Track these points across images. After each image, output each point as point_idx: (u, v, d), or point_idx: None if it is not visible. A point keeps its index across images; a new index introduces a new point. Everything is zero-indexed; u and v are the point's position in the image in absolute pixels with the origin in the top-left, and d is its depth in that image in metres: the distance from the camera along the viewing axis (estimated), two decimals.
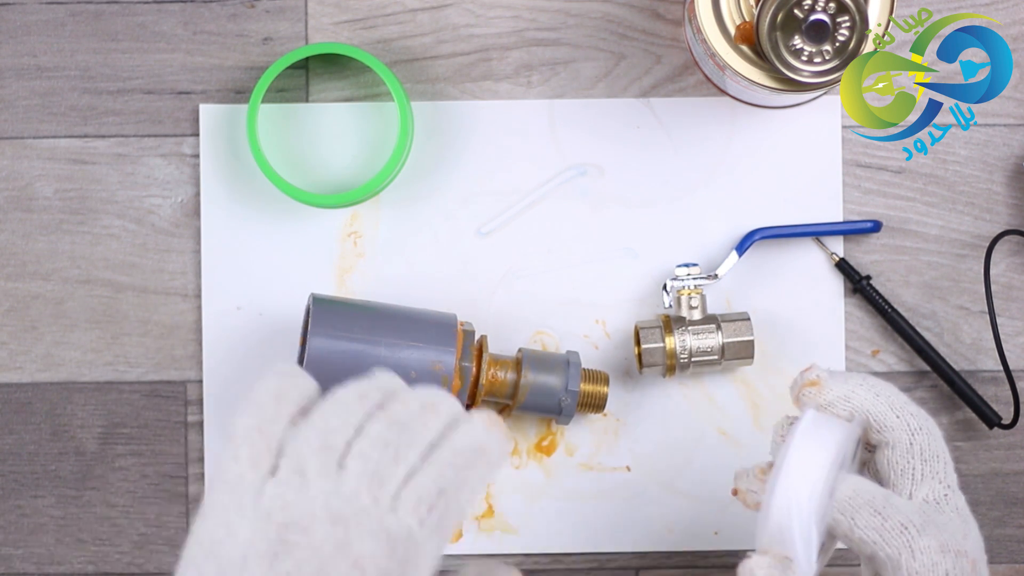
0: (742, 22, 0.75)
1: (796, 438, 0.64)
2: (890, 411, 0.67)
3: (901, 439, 0.67)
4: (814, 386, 0.67)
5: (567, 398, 0.81)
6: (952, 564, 0.63)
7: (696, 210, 0.86)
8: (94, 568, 0.86)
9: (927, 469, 0.66)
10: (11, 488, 0.86)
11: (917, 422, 0.67)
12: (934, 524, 0.64)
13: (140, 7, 0.86)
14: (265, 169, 0.83)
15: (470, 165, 0.86)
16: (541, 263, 0.86)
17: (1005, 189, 0.86)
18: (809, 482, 0.63)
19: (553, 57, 0.86)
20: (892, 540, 0.63)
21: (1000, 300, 0.85)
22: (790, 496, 0.63)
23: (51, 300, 0.86)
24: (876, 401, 0.67)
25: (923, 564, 0.62)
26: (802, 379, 0.68)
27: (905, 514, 0.64)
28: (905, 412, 0.67)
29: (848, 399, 0.67)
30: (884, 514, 0.63)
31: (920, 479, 0.66)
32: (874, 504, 0.64)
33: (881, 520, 0.63)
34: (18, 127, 0.86)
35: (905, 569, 0.62)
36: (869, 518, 0.63)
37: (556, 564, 0.86)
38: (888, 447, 0.67)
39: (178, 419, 0.86)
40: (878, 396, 0.67)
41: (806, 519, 0.63)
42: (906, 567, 0.62)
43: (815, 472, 0.63)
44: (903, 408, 0.67)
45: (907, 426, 0.67)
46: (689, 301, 0.83)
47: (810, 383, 0.68)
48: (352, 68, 0.86)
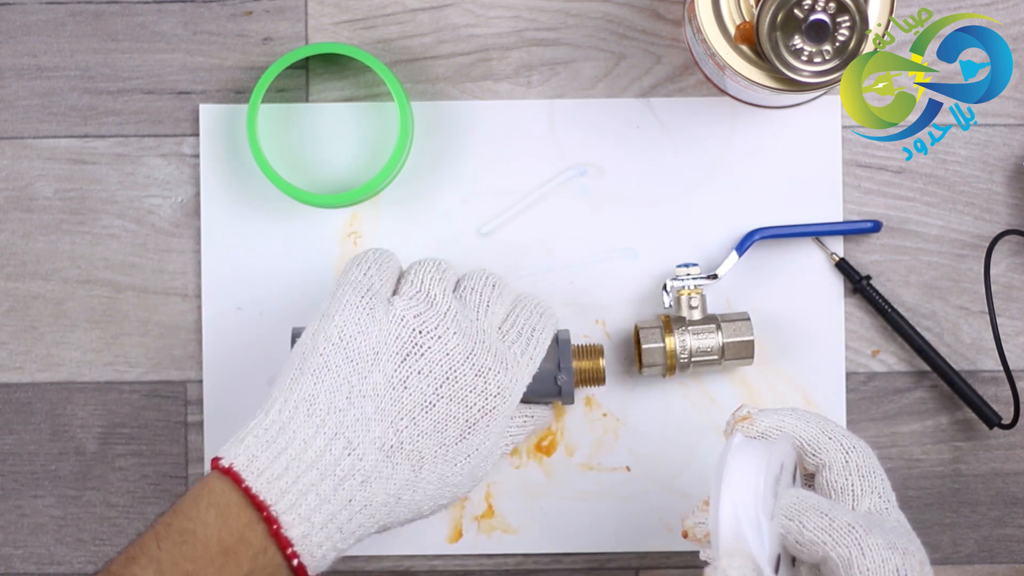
0: (742, 22, 0.75)
1: (730, 454, 0.66)
2: (822, 434, 0.69)
3: (836, 458, 0.68)
4: (746, 420, 0.70)
5: (563, 376, 0.80)
6: (901, 560, 0.64)
7: (696, 210, 0.86)
8: (94, 568, 0.86)
9: (865, 485, 0.68)
10: (11, 488, 0.86)
11: (850, 442, 0.69)
12: (879, 527, 0.65)
13: (140, 7, 0.86)
14: (265, 169, 0.83)
15: (470, 165, 0.86)
16: (541, 263, 0.86)
17: (1005, 189, 0.86)
18: (750, 484, 0.64)
19: (553, 57, 0.86)
20: (841, 539, 0.64)
21: (1000, 300, 0.85)
22: (735, 500, 0.64)
23: (51, 300, 0.86)
24: (807, 427, 0.69)
25: (873, 561, 0.63)
26: (734, 418, 0.70)
27: (851, 515, 0.65)
28: (837, 433, 0.69)
29: (780, 428, 0.69)
30: (831, 516, 0.64)
31: (860, 494, 0.68)
32: (820, 508, 0.65)
33: (829, 521, 0.64)
34: (18, 127, 0.86)
35: (856, 567, 0.63)
36: (817, 519, 0.64)
37: (556, 564, 0.86)
38: (825, 468, 0.68)
39: (178, 419, 0.86)
40: (808, 423, 0.69)
41: (754, 517, 0.64)
42: (856, 565, 0.63)
43: (754, 476, 0.65)
44: (834, 430, 0.69)
45: (840, 445, 0.68)
46: (689, 301, 0.83)
47: (742, 419, 0.70)
48: (352, 68, 0.86)
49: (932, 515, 0.86)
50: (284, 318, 0.85)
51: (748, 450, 0.66)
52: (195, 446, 0.86)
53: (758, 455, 0.66)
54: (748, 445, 0.67)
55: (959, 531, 0.86)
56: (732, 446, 0.66)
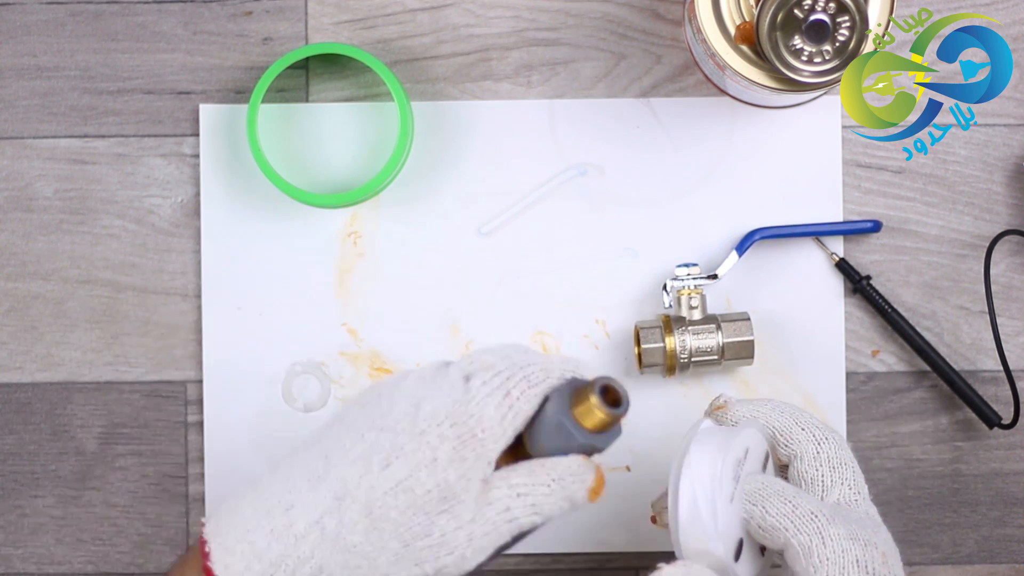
0: (742, 22, 0.75)
1: (693, 440, 0.66)
2: (795, 424, 0.69)
3: (808, 449, 0.69)
4: (721, 409, 0.70)
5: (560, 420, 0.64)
6: (862, 552, 0.64)
7: (696, 210, 0.86)
8: (94, 568, 0.86)
9: (835, 476, 0.68)
10: (11, 488, 0.86)
11: (823, 433, 0.69)
12: (843, 517, 0.65)
13: (140, 7, 0.86)
14: (265, 169, 0.83)
15: (470, 165, 0.86)
16: (541, 263, 0.86)
17: (1005, 189, 0.86)
18: (708, 468, 0.65)
19: (553, 57, 0.86)
20: (803, 527, 0.64)
21: (1000, 300, 0.85)
22: (693, 483, 0.65)
23: (51, 300, 0.86)
24: (780, 417, 0.70)
25: (833, 550, 0.64)
26: (710, 407, 0.71)
27: (815, 503, 0.65)
28: (810, 425, 0.69)
29: (755, 417, 0.70)
30: (794, 503, 0.65)
31: (830, 485, 0.68)
32: (783, 494, 0.65)
33: (792, 507, 0.65)
34: (18, 127, 0.86)
35: (816, 555, 0.64)
36: (780, 505, 0.65)
37: (556, 564, 0.86)
38: (797, 458, 0.69)
39: (178, 419, 0.86)
40: (783, 413, 0.70)
41: (710, 498, 0.64)
42: (817, 553, 0.64)
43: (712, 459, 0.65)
44: (808, 421, 0.70)
45: (812, 437, 0.69)
46: (689, 301, 0.83)
47: (718, 407, 0.71)
48: (352, 68, 0.86)
49: (932, 515, 0.86)
50: (284, 318, 0.85)
51: (711, 436, 0.67)
52: (195, 446, 0.86)
53: (720, 440, 0.66)
54: (712, 431, 0.67)
55: (959, 531, 0.86)
56: (697, 431, 0.67)
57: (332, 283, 0.86)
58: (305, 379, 0.86)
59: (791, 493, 0.65)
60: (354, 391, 0.86)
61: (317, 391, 0.86)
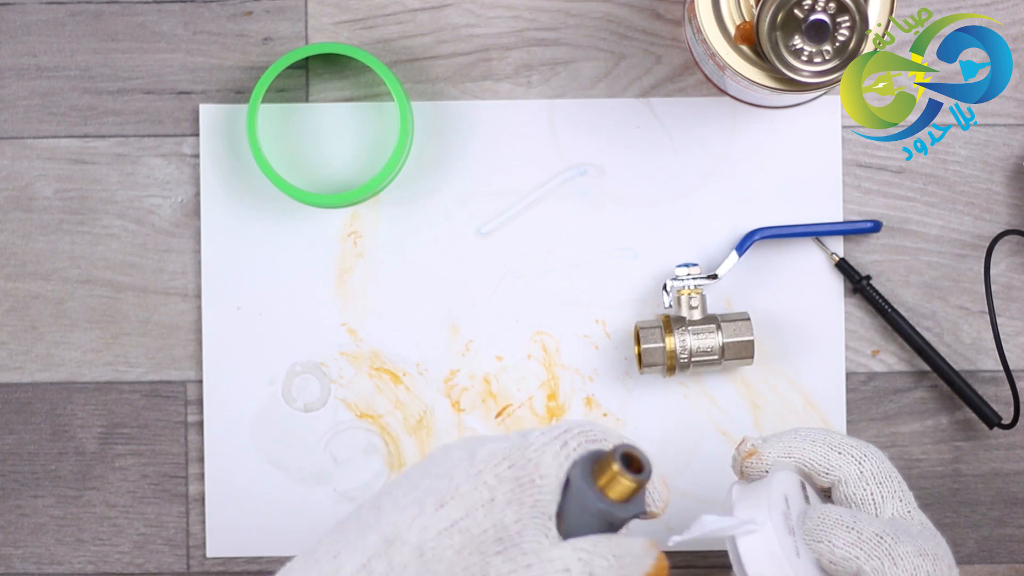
0: (742, 22, 0.75)
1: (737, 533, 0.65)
2: (831, 450, 0.68)
3: (850, 471, 0.67)
4: (752, 455, 0.68)
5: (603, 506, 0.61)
6: (932, 566, 0.63)
7: (696, 210, 0.86)
8: (94, 568, 0.86)
9: (884, 491, 0.67)
10: (11, 488, 0.86)
11: (861, 451, 0.68)
12: (906, 533, 0.64)
13: (140, 7, 0.86)
14: (265, 169, 0.83)
15: (470, 165, 0.86)
16: (541, 263, 0.86)
17: (1005, 189, 0.86)
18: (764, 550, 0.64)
19: (553, 57, 0.86)
20: (872, 551, 0.63)
21: (1000, 300, 0.85)
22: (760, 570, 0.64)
23: (51, 300, 0.86)
24: (814, 447, 0.68)
25: (905, 569, 0.63)
26: (739, 454, 0.69)
27: (878, 525, 0.64)
28: (846, 446, 0.68)
29: (789, 455, 0.68)
30: (857, 528, 0.64)
31: (881, 501, 0.67)
32: (844, 522, 0.64)
33: (856, 535, 0.64)
34: (18, 127, 0.86)
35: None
36: (844, 535, 0.64)
37: None
38: (841, 483, 0.68)
39: (178, 419, 0.86)
40: (815, 442, 0.68)
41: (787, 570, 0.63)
42: (890, 575, 0.63)
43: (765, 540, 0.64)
44: (842, 444, 0.68)
45: (852, 457, 0.68)
46: (689, 301, 0.83)
47: (748, 454, 0.69)
48: (352, 68, 0.86)
49: (932, 515, 0.85)
50: (284, 318, 0.85)
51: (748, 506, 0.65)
52: (195, 446, 0.86)
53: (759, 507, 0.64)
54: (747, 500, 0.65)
55: (959, 531, 0.86)
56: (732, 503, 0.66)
57: (332, 283, 0.86)
58: (305, 379, 0.86)
59: (851, 519, 0.64)
60: (354, 391, 0.86)
61: (317, 391, 0.86)
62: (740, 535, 0.64)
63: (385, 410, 0.86)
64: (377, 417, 0.86)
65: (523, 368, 0.86)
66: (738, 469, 0.69)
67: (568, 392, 0.85)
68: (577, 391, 0.85)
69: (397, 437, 0.86)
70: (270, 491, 0.86)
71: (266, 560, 0.86)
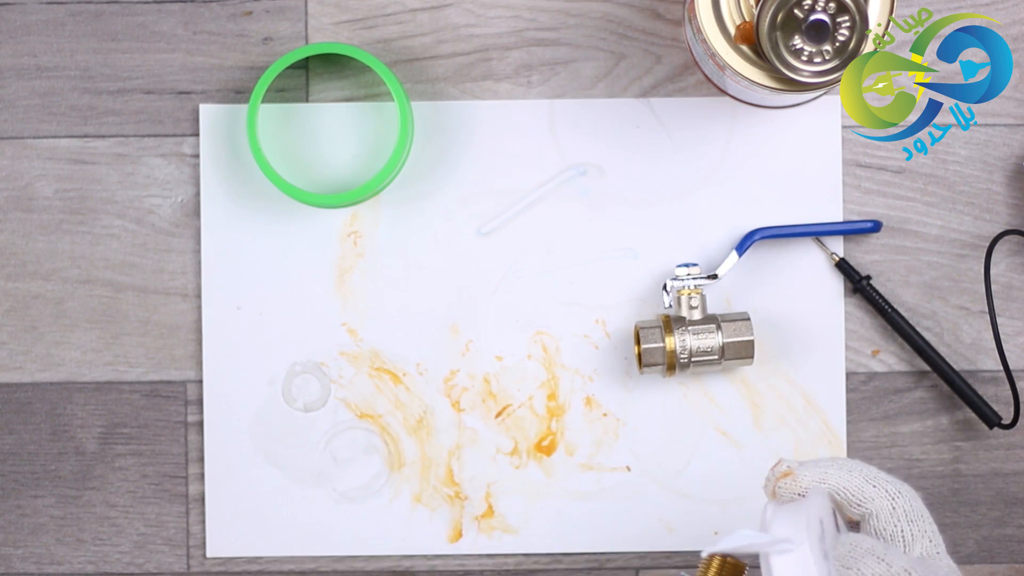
0: (742, 22, 0.75)
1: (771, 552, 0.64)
2: (866, 483, 0.67)
3: (883, 506, 0.67)
4: (787, 476, 0.68)
5: None
6: None
7: (696, 210, 0.86)
8: (94, 568, 0.86)
9: (915, 529, 0.67)
10: (11, 488, 0.86)
11: (895, 487, 0.67)
12: (934, 573, 0.64)
13: (140, 7, 0.86)
14: (265, 169, 0.83)
15: (470, 165, 0.86)
16: (541, 263, 0.86)
17: (1005, 189, 0.86)
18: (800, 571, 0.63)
19: (553, 57, 0.86)
20: None
21: (1000, 300, 0.85)
22: None
23: (51, 300, 0.86)
24: (850, 477, 0.67)
25: None
26: (774, 474, 0.68)
27: (906, 560, 0.64)
28: (881, 480, 0.67)
29: (823, 481, 0.67)
30: (888, 561, 0.63)
31: (912, 539, 0.67)
32: (876, 553, 0.64)
33: (886, 567, 0.63)
34: (18, 127, 0.86)
35: None
36: (874, 566, 0.63)
37: (556, 564, 0.86)
38: (872, 517, 0.67)
39: (178, 419, 0.86)
40: (851, 472, 0.68)
41: None
42: None
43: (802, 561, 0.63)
44: (877, 477, 0.67)
45: (886, 492, 0.67)
46: (689, 301, 0.83)
47: (783, 475, 0.68)
48: (352, 68, 0.86)
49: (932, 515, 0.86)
50: (284, 318, 0.85)
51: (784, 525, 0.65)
52: (195, 446, 0.86)
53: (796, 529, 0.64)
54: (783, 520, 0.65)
55: (959, 531, 0.86)
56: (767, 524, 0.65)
57: (332, 283, 0.86)
58: (305, 379, 0.86)
59: (881, 551, 0.64)
60: (354, 391, 0.86)
61: (317, 391, 0.86)
62: (775, 553, 0.64)
63: (385, 410, 0.86)
64: (377, 417, 0.86)
65: (523, 368, 0.86)
66: (771, 490, 0.68)
67: (568, 392, 0.86)
68: (577, 391, 0.85)
69: (397, 437, 0.86)
70: (270, 491, 0.86)
71: (266, 560, 0.86)
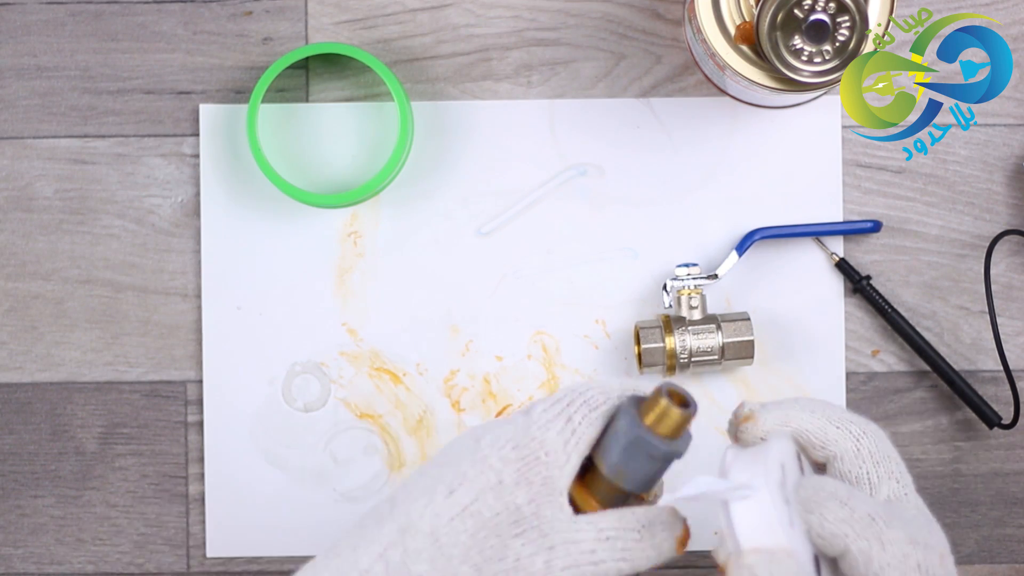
0: (742, 22, 0.75)
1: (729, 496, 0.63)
2: (829, 424, 0.65)
3: (847, 447, 0.65)
4: (749, 420, 0.66)
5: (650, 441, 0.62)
6: (923, 556, 0.61)
7: (696, 210, 0.86)
8: (94, 568, 0.86)
9: (881, 471, 0.65)
10: (11, 488, 0.86)
11: (860, 428, 0.66)
12: (899, 518, 0.62)
13: (140, 7, 0.86)
14: (265, 169, 0.83)
15: (470, 165, 0.86)
16: (541, 263, 0.86)
17: (1005, 189, 0.86)
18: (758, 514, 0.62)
19: (553, 57, 0.86)
20: (862, 531, 0.61)
21: (1000, 300, 0.85)
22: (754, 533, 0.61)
23: (51, 300, 0.86)
24: (812, 418, 0.66)
25: (893, 555, 0.61)
26: (736, 418, 0.67)
27: (871, 505, 0.62)
28: (845, 421, 0.66)
29: (786, 423, 0.66)
30: (851, 505, 0.61)
31: (877, 482, 0.65)
32: (838, 496, 0.62)
33: (849, 511, 0.61)
34: (18, 127, 0.86)
35: (876, 561, 0.60)
36: (837, 510, 0.61)
37: None
38: (837, 459, 0.65)
39: (178, 419, 0.86)
40: (814, 413, 0.66)
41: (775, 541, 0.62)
42: (876, 559, 0.61)
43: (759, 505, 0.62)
44: (841, 418, 0.66)
45: (850, 433, 0.65)
46: (689, 301, 0.83)
47: (744, 419, 0.66)
48: (352, 68, 0.86)
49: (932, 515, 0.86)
50: (284, 318, 0.85)
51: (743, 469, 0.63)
52: (195, 446, 0.86)
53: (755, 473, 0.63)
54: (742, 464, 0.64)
55: (959, 531, 0.86)
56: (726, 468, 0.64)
57: (332, 283, 0.86)
58: (305, 379, 0.86)
59: (845, 494, 0.62)
60: (354, 391, 0.86)
61: (317, 391, 0.86)
62: (734, 499, 0.62)
63: (385, 410, 0.86)
64: (377, 417, 0.86)
65: (523, 368, 0.86)
66: (733, 433, 0.67)
67: None
68: None
69: (397, 437, 0.86)
70: (270, 491, 0.86)
71: (266, 560, 0.86)
